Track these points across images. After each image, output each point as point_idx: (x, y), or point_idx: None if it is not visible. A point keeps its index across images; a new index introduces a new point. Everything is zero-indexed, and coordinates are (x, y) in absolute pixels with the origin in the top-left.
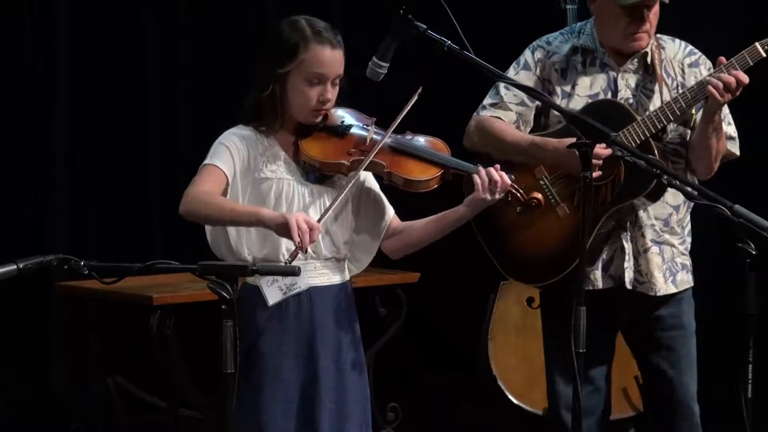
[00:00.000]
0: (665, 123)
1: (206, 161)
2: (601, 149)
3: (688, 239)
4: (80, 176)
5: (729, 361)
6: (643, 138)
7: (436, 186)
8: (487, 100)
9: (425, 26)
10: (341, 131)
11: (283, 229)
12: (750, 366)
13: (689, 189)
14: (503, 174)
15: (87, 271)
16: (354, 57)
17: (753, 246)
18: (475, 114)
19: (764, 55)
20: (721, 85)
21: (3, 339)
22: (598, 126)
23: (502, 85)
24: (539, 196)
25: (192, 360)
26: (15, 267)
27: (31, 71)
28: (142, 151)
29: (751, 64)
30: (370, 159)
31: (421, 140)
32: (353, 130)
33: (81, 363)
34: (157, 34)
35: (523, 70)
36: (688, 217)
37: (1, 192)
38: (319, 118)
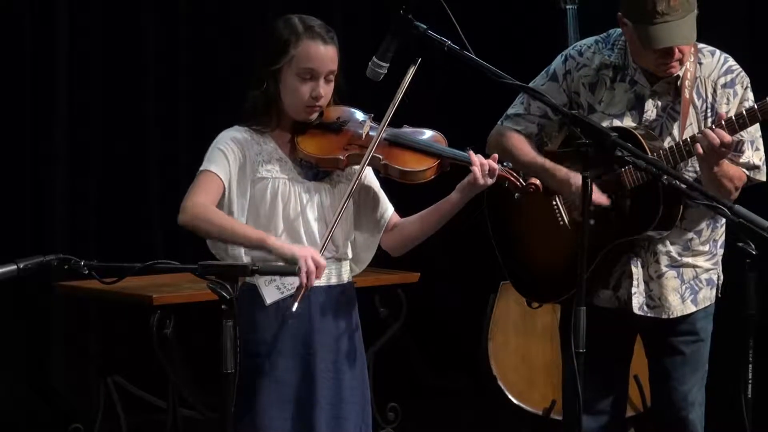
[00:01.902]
0: (672, 165)
1: (203, 167)
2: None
3: (720, 251)
4: (80, 176)
5: (729, 361)
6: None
7: (432, 177)
8: (511, 110)
9: (425, 26)
10: (337, 127)
11: (290, 263)
12: (750, 366)
13: (689, 189)
14: (495, 163)
15: (87, 271)
16: (354, 57)
17: (753, 246)
18: (498, 123)
19: (760, 119)
20: (706, 143)
21: (3, 339)
22: (599, 126)
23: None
24: (536, 181)
25: (192, 360)
26: (15, 267)
27: (31, 71)
28: (142, 151)
29: (749, 125)
30: (369, 155)
31: (417, 132)
32: (349, 126)
33: (81, 363)
34: (157, 34)
35: (550, 81)
36: (720, 231)
37: (1, 192)
38: (314, 115)
